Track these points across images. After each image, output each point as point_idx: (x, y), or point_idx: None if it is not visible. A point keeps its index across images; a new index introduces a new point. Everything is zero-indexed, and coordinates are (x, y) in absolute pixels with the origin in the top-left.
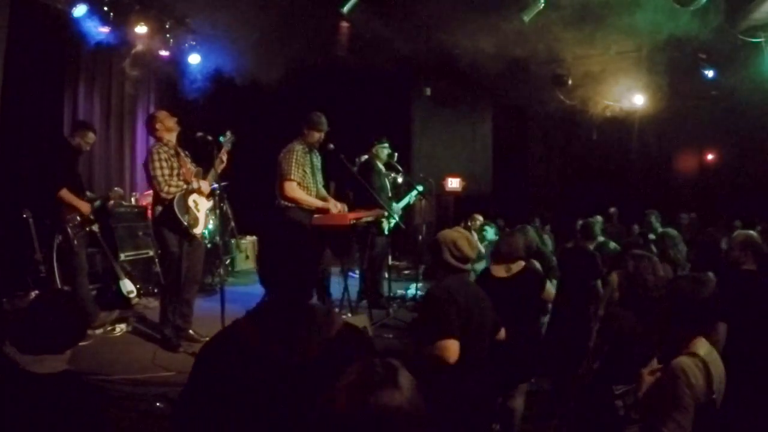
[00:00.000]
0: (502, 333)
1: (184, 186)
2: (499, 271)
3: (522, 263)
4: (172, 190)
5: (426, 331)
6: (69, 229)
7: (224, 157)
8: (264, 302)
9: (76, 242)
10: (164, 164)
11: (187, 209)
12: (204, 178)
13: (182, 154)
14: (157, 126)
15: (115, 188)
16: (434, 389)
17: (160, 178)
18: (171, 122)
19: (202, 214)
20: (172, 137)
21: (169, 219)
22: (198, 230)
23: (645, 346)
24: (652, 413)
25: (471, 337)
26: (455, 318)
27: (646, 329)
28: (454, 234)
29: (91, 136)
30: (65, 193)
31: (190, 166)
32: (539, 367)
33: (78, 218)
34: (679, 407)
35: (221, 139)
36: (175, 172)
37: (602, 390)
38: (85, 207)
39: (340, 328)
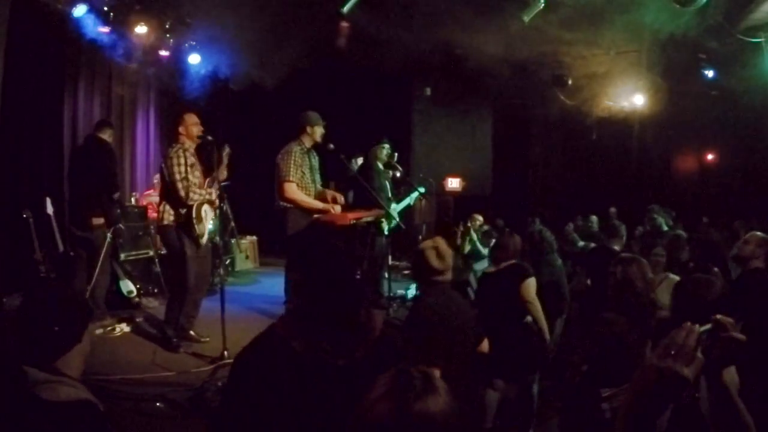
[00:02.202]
0: (485, 345)
1: (206, 195)
2: (490, 268)
3: (512, 262)
4: (195, 198)
5: None
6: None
7: (225, 171)
8: (300, 307)
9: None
10: (188, 170)
11: (200, 219)
12: (212, 181)
13: (196, 159)
14: (180, 129)
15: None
16: None
17: (185, 184)
18: (194, 130)
19: (207, 223)
20: (191, 144)
21: (187, 225)
22: (204, 239)
23: (635, 351)
24: None
25: (440, 352)
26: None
27: (640, 335)
28: (425, 244)
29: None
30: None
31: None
32: (534, 365)
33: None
34: None
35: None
36: (196, 181)
37: (589, 392)
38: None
39: (382, 326)
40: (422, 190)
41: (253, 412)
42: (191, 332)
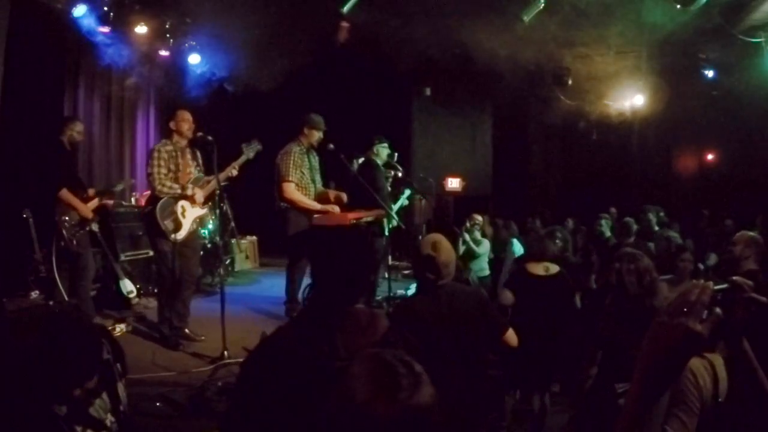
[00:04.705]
0: (511, 336)
1: (178, 189)
2: (537, 269)
3: (557, 267)
4: (165, 190)
5: None
6: (64, 231)
7: (236, 169)
8: (307, 308)
9: (75, 242)
10: (162, 163)
11: (171, 213)
12: (207, 183)
13: (188, 156)
14: (171, 124)
15: (131, 178)
16: None
17: (156, 176)
18: (183, 126)
19: (189, 220)
20: (181, 139)
21: (150, 221)
22: (179, 235)
23: (635, 347)
24: None
25: (440, 349)
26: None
27: (637, 334)
28: (426, 247)
29: (79, 126)
30: (65, 194)
31: (192, 171)
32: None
33: (76, 218)
34: (684, 407)
35: (243, 147)
36: (172, 174)
37: (604, 391)
38: (83, 208)
39: (385, 330)
40: (408, 192)
41: (256, 412)
42: (186, 330)
